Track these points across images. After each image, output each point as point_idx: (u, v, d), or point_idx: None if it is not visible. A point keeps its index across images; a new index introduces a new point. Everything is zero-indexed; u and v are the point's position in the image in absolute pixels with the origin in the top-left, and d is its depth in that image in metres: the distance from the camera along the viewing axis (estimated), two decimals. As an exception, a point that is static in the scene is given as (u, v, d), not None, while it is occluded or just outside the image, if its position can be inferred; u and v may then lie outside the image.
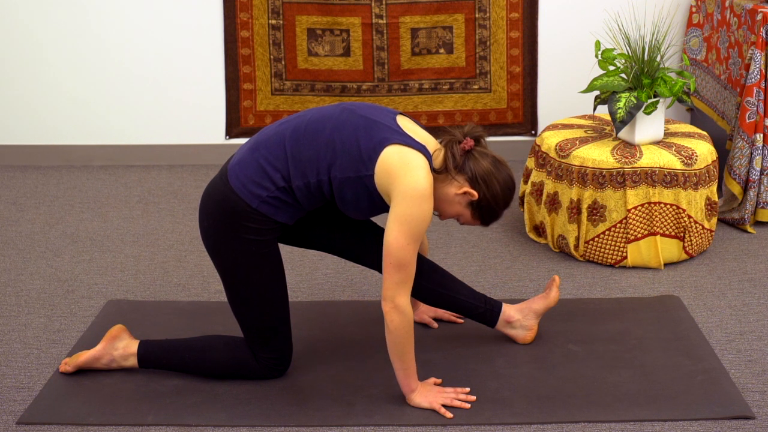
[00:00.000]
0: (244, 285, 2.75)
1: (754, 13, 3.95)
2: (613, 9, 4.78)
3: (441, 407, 2.74)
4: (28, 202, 4.47)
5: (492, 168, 2.68)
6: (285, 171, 2.67)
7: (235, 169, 2.71)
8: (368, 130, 2.64)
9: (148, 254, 3.88)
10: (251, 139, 2.77)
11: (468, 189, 2.67)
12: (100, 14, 4.81)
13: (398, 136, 2.63)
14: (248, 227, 2.68)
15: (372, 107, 2.74)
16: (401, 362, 2.71)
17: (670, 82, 3.68)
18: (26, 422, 2.72)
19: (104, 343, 2.93)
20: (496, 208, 2.71)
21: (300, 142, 2.67)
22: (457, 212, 2.74)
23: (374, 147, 2.61)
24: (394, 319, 2.63)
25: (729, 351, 3.08)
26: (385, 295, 2.62)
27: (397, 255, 2.59)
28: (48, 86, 4.90)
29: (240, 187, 2.68)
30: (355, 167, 2.63)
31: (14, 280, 3.64)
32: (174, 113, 4.94)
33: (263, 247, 2.72)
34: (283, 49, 4.82)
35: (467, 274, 3.64)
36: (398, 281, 2.61)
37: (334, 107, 2.74)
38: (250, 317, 2.79)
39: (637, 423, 2.69)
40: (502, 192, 2.70)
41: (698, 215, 3.70)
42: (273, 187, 2.67)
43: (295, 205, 2.71)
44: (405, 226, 2.58)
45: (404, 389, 2.77)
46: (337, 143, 2.64)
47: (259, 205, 2.67)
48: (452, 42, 4.81)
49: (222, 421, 2.71)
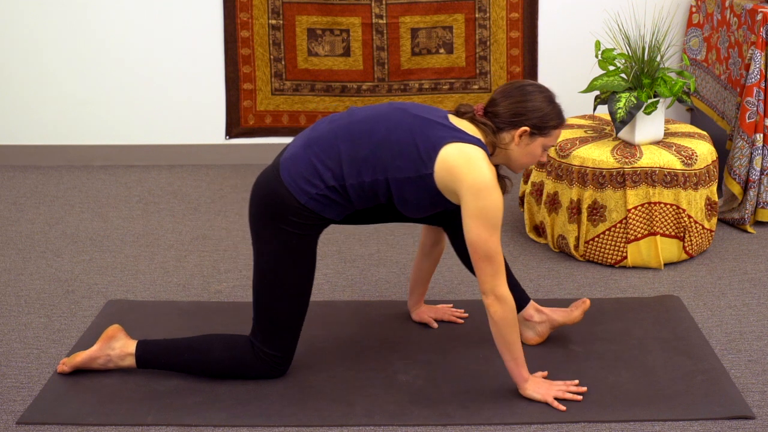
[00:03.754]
0: (275, 274, 2.76)
1: (754, 13, 3.95)
2: (613, 9, 4.78)
3: (554, 400, 2.75)
4: (28, 202, 4.47)
5: (508, 99, 2.72)
6: (337, 170, 2.68)
7: (287, 163, 2.73)
8: (424, 129, 2.67)
9: (148, 254, 3.88)
10: (303, 135, 2.78)
11: (517, 131, 2.70)
12: (100, 14, 4.81)
13: (453, 132, 2.66)
14: (292, 221, 2.71)
15: (422, 106, 2.77)
16: (509, 352, 2.72)
17: (670, 82, 3.68)
18: (26, 422, 2.72)
19: (100, 343, 2.93)
20: (548, 111, 2.72)
21: (354, 141, 2.68)
22: (532, 152, 2.76)
23: (433, 146, 2.64)
24: (497, 310, 2.66)
25: (729, 351, 3.08)
26: (484, 289, 2.66)
27: (483, 249, 2.62)
28: (48, 86, 4.90)
29: (290, 182, 2.70)
30: (415, 167, 2.65)
31: (14, 280, 3.64)
32: (174, 113, 4.94)
33: (303, 243, 2.74)
34: (283, 49, 4.82)
35: (467, 274, 3.64)
36: (492, 273, 2.64)
37: (385, 106, 2.77)
38: (269, 308, 2.80)
39: (637, 423, 2.69)
40: (538, 97, 2.72)
41: (698, 215, 3.70)
42: (323, 185, 2.69)
43: (343, 204, 2.73)
44: (482, 219, 2.61)
45: (516, 379, 2.78)
46: (394, 143, 2.66)
47: (307, 201, 2.69)
48: (452, 42, 4.81)
49: (222, 421, 2.71)
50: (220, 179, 4.76)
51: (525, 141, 2.73)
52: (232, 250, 3.91)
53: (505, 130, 2.72)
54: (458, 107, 2.78)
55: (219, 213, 4.33)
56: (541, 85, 2.77)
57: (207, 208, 4.39)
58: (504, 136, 2.73)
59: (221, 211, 4.35)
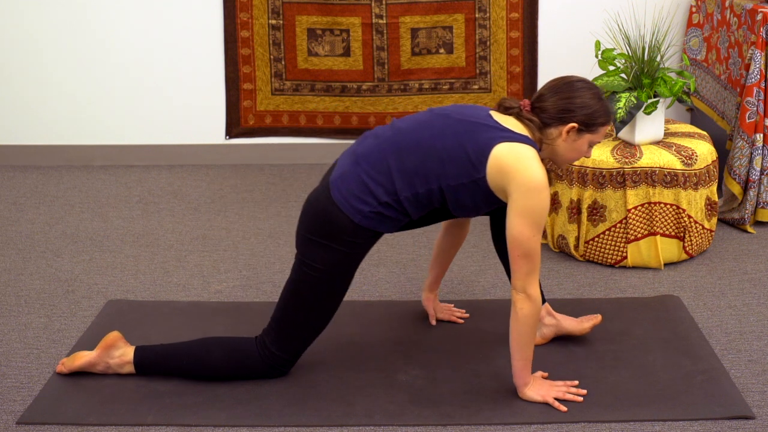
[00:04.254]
0: (311, 287, 2.76)
1: (754, 13, 3.95)
2: (613, 9, 4.78)
3: (554, 401, 2.75)
4: (28, 202, 4.47)
5: (557, 95, 2.71)
6: (389, 185, 2.68)
7: (337, 182, 2.72)
8: (471, 133, 2.66)
9: (148, 254, 3.88)
10: (350, 152, 2.77)
11: (565, 127, 2.70)
12: (100, 14, 4.81)
13: (501, 132, 2.66)
14: (346, 240, 2.71)
15: (463, 108, 2.77)
16: (521, 353, 2.72)
17: (670, 82, 3.68)
18: (26, 422, 2.72)
19: (100, 350, 2.91)
20: (596, 108, 2.72)
21: (402, 154, 2.68)
22: (579, 148, 2.76)
23: (482, 149, 2.64)
24: (524, 307, 2.66)
25: (729, 351, 3.08)
26: (516, 285, 2.66)
27: (523, 247, 2.62)
28: (48, 86, 4.90)
29: (342, 202, 2.69)
30: (467, 172, 2.65)
31: (14, 280, 3.64)
32: (174, 113, 4.94)
33: (349, 261, 2.75)
34: (283, 49, 4.82)
35: (467, 274, 3.64)
36: (527, 271, 2.64)
37: (427, 114, 2.76)
38: (294, 314, 2.80)
39: (637, 423, 2.69)
40: (586, 94, 2.72)
41: (698, 215, 3.70)
42: (375, 202, 2.68)
43: (397, 218, 2.73)
44: (527, 218, 2.61)
45: (518, 381, 2.78)
46: (441, 151, 2.66)
47: (361, 221, 2.69)
48: (452, 42, 4.81)
49: (222, 421, 2.71)
50: (220, 179, 4.76)
51: (572, 137, 2.73)
52: (232, 250, 3.91)
53: (553, 126, 2.72)
54: (502, 103, 2.77)
55: (219, 213, 4.33)
56: (590, 82, 2.77)
57: (207, 208, 4.39)
58: (551, 132, 2.73)
59: (221, 211, 4.35)
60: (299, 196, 4.50)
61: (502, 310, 3.31)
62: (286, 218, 4.25)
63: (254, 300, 3.47)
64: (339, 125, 4.92)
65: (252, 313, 3.32)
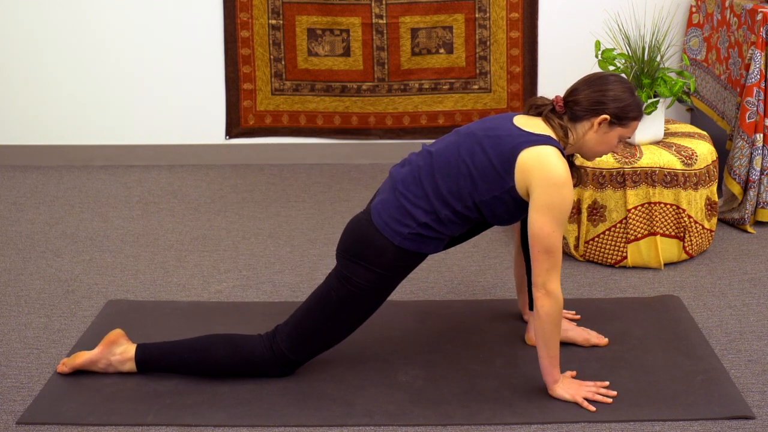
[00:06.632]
0: (342, 298, 2.79)
1: (754, 13, 3.95)
2: (613, 9, 4.78)
3: (584, 401, 2.76)
4: (28, 202, 4.47)
5: (590, 88, 2.74)
6: (428, 206, 2.73)
7: (377, 207, 2.79)
8: (496, 147, 2.70)
9: (148, 254, 3.88)
10: (389, 179, 2.84)
11: (597, 118, 2.72)
12: (100, 14, 4.82)
13: (521, 138, 2.68)
14: (384, 263, 2.75)
15: (487, 121, 2.80)
16: (547, 349, 2.73)
17: (670, 82, 3.68)
18: (26, 422, 2.72)
19: (102, 347, 2.92)
20: (629, 101, 2.74)
21: (435, 177, 2.74)
22: (609, 142, 2.78)
23: (507, 159, 2.67)
24: (545, 304, 2.67)
25: (729, 351, 3.08)
26: (536, 281, 2.67)
27: (544, 243, 2.64)
28: (48, 86, 4.90)
29: (383, 226, 2.75)
30: (498, 185, 2.69)
31: (14, 280, 3.64)
32: (174, 113, 4.94)
33: (386, 284, 2.79)
34: (283, 49, 4.82)
35: (467, 274, 3.64)
36: (548, 268, 2.65)
37: (453, 136, 2.81)
38: (317, 323, 2.82)
39: (637, 423, 2.69)
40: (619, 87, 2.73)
41: (698, 215, 3.70)
42: (414, 223, 2.73)
43: (437, 237, 2.77)
44: (548, 215, 2.63)
45: (547, 379, 2.78)
46: (472, 170, 2.70)
47: (401, 242, 2.74)
48: (452, 42, 4.81)
49: (222, 421, 2.71)
50: (220, 179, 4.76)
51: (603, 129, 2.75)
52: (232, 250, 3.91)
53: (585, 119, 2.74)
54: (531, 103, 2.81)
55: (219, 213, 4.33)
56: (623, 77, 2.79)
57: (207, 208, 4.39)
58: (583, 125, 2.75)
59: (221, 211, 4.35)
60: (299, 196, 4.51)
61: (503, 310, 3.32)
62: (286, 218, 4.25)
63: (254, 300, 3.47)
64: (339, 125, 4.93)
65: (252, 313, 3.32)
